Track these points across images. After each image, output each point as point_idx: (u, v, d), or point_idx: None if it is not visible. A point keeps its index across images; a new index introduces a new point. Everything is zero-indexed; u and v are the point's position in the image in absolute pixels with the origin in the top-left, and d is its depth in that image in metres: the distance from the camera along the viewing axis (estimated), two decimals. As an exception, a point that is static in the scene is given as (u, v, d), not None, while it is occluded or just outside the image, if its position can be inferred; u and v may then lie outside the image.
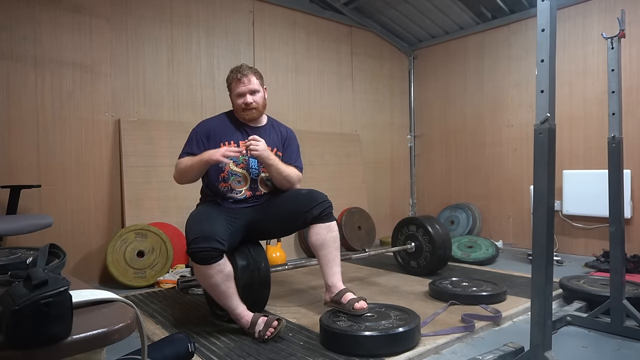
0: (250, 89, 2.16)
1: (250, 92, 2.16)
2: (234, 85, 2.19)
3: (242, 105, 2.17)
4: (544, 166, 1.41)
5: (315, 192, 2.13)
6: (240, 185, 2.17)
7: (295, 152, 2.34)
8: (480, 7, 4.30)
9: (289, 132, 2.37)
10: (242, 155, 2.14)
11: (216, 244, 1.82)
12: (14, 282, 0.87)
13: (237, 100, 2.18)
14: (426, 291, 2.59)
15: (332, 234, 2.08)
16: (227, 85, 2.24)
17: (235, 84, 2.17)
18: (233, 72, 2.20)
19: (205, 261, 1.82)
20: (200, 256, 1.82)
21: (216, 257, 1.83)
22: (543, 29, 1.40)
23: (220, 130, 2.21)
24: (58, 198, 3.00)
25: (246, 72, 2.17)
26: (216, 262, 1.83)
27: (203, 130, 2.21)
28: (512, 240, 4.32)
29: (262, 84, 2.23)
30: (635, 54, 3.53)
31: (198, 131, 2.21)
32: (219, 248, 1.83)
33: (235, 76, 2.17)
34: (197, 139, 2.18)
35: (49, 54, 2.97)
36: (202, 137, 2.18)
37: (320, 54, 4.41)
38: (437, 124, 5.01)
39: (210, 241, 1.81)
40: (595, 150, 3.75)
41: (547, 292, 1.43)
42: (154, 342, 1.69)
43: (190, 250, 1.84)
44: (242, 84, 2.15)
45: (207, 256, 1.82)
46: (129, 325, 0.79)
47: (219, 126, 2.23)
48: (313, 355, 1.73)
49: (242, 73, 2.16)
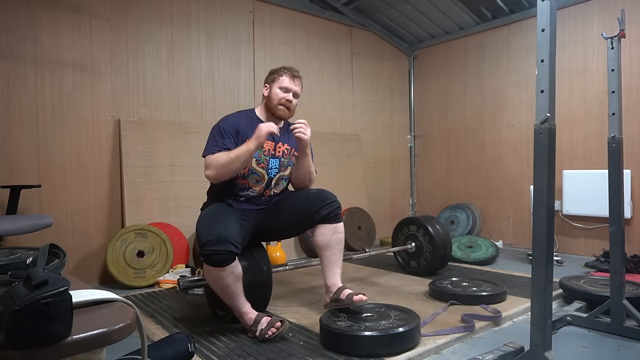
0: (297, 90, 2.20)
1: (294, 93, 2.19)
2: (284, 78, 2.17)
3: (283, 99, 2.15)
4: (544, 166, 1.41)
5: (325, 191, 2.13)
6: (257, 184, 2.15)
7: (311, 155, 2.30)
8: (480, 7, 4.30)
9: None
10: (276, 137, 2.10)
11: (231, 246, 1.79)
12: (14, 282, 0.86)
13: (280, 93, 2.15)
14: (426, 291, 2.59)
15: (337, 235, 2.08)
16: (273, 76, 2.20)
17: (287, 77, 2.17)
18: (286, 68, 2.20)
19: (219, 264, 1.79)
20: (214, 259, 1.78)
21: (230, 259, 1.81)
22: (543, 29, 1.40)
23: (247, 128, 2.13)
24: (58, 198, 3.00)
25: (300, 76, 2.23)
26: (229, 265, 1.81)
27: (231, 126, 2.12)
28: (512, 240, 4.32)
29: (300, 93, 2.24)
30: (635, 54, 3.53)
31: (225, 127, 2.12)
32: (233, 251, 1.80)
33: (289, 72, 2.19)
34: (226, 134, 2.09)
35: (49, 54, 2.97)
36: (232, 132, 2.10)
37: (320, 54, 4.41)
38: (437, 124, 5.01)
39: (225, 244, 1.78)
40: (595, 150, 3.75)
41: (547, 292, 1.43)
42: (154, 342, 1.68)
43: (204, 252, 1.80)
44: (293, 83, 2.18)
45: (222, 259, 1.79)
46: (129, 325, 0.79)
47: (245, 124, 2.15)
48: (313, 355, 1.73)
49: (298, 74, 2.21)
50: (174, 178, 3.33)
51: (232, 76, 3.82)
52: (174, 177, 3.36)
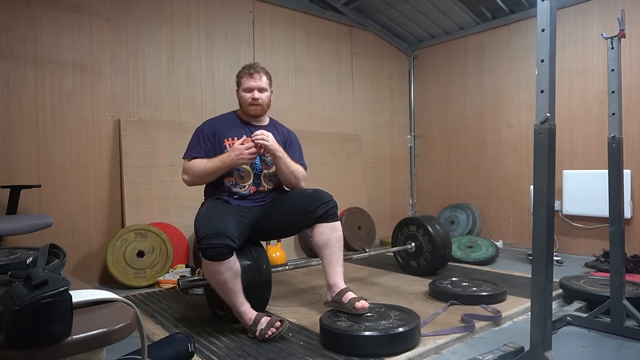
0: (259, 85, 2.23)
1: (258, 89, 2.23)
2: (244, 80, 2.25)
3: (249, 99, 2.22)
4: (544, 166, 1.41)
5: (320, 191, 2.16)
6: (243, 180, 2.20)
7: (298, 152, 2.37)
8: (480, 7, 4.30)
9: (291, 134, 2.42)
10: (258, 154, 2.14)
11: (228, 240, 1.83)
12: (14, 282, 0.87)
13: (245, 94, 2.24)
14: (426, 291, 2.59)
15: (336, 233, 2.10)
16: (237, 80, 2.30)
17: (246, 78, 2.24)
18: (246, 68, 2.26)
19: (217, 258, 1.83)
20: (212, 252, 1.82)
21: (227, 254, 1.84)
22: (543, 29, 1.40)
23: (224, 127, 2.26)
24: (58, 198, 3.00)
25: (258, 69, 2.25)
26: (227, 259, 1.85)
27: (208, 129, 2.26)
28: (512, 240, 4.32)
29: (270, 85, 2.29)
30: (635, 54, 3.53)
31: (204, 129, 2.26)
32: (230, 245, 1.84)
33: (247, 71, 2.24)
34: (203, 138, 2.22)
35: (49, 54, 2.97)
36: (208, 135, 2.23)
37: (320, 54, 4.41)
38: (437, 124, 5.01)
39: (223, 238, 1.83)
40: (595, 150, 3.75)
41: (547, 292, 1.43)
42: (154, 342, 1.69)
43: (202, 246, 1.84)
44: (253, 80, 2.22)
45: (219, 253, 1.82)
46: (129, 325, 0.79)
47: (223, 124, 2.28)
48: (313, 355, 1.73)
49: (254, 69, 2.24)
50: (174, 178, 3.33)
51: (232, 76, 3.73)
52: (174, 177, 3.35)
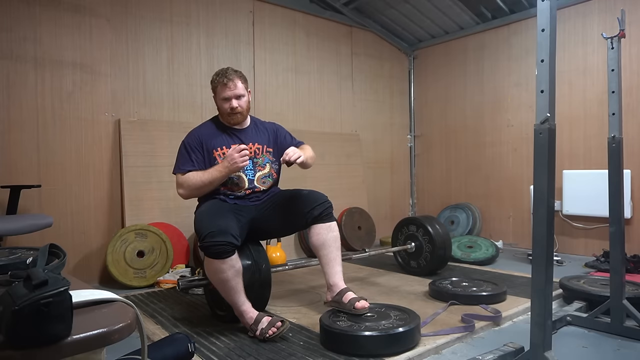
0: (235, 93, 2.17)
1: (235, 97, 2.18)
2: (219, 90, 2.19)
3: (228, 109, 2.19)
4: (544, 166, 1.41)
5: (315, 192, 2.16)
6: (239, 187, 2.21)
7: (290, 137, 2.39)
8: (480, 7, 4.30)
9: (274, 125, 2.42)
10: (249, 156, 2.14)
11: (231, 238, 1.85)
12: (14, 282, 0.86)
13: (223, 104, 2.20)
14: (426, 291, 2.59)
15: (332, 233, 2.10)
16: (212, 88, 2.24)
17: (221, 88, 2.18)
18: (219, 76, 2.18)
19: (219, 255, 1.84)
20: (215, 250, 1.83)
21: (230, 251, 1.85)
22: (543, 29, 1.40)
23: (209, 137, 2.24)
24: (58, 198, 3.00)
25: (232, 76, 2.16)
26: (229, 257, 1.85)
27: (195, 140, 2.22)
28: (512, 240, 4.32)
29: (246, 88, 2.24)
30: (635, 54, 3.53)
31: (190, 142, 2.22)
32: (233, 242, 1.85)
33: (221, 80, 2.17)
34: (192, 150, 2.20)
35: (49, 54, 2.97)
36: (197, 147, 2.20)
37: (320, 54, 4.41)
38: (437, 124, 5.01)
39: (226, 235, 1.84)
40: (595, 150, 3.75)
41: (547, 292, 1.43)
42: (154, 342, 1.69)
43: (205, 244, 1.84)
44: (228, 89, 2.16)
45: (222, 250, 1.83)
46: (129, 325, 0.79)
47: (208, 134, 2.26)
48: (313, 355, 1.73)
49: (227, 77, 2.15)
50: (173, 178, 3.31)
51: (232, 76, 3.80)
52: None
